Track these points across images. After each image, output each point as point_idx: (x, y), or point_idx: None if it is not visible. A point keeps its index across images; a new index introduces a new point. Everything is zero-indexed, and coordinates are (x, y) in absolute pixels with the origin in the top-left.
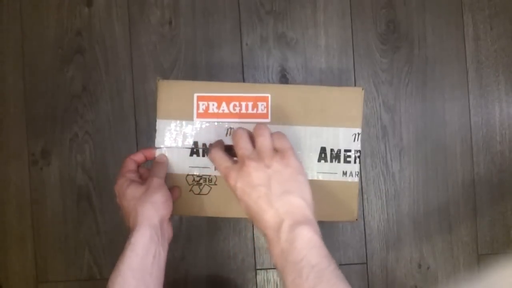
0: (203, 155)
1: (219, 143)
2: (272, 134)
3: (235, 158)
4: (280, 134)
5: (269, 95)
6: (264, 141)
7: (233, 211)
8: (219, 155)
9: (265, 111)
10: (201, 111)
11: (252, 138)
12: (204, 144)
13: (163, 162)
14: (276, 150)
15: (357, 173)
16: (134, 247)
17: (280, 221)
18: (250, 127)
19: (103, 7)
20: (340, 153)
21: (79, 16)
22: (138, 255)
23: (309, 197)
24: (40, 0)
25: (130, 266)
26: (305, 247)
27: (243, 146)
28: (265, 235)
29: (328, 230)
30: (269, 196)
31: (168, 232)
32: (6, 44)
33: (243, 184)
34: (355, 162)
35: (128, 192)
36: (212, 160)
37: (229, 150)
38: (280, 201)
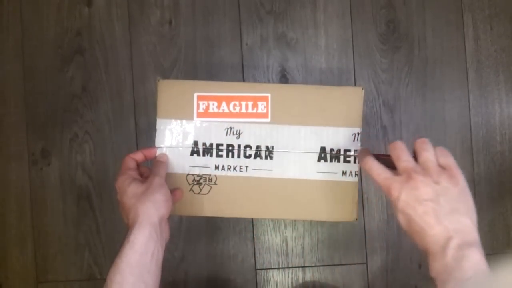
0: (203, 155)
1: (367, 152)
2: (434, 149)
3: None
4: (444, 151)
5: (269, 94)
6: (430, 157)
7: (233, 211)
8: (376, 165)
9: (265, 111)
10: (201, 110)
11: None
12: (204, 144)
13: (164, 161)
14: (441, 167)
15: (356, 173)
16: (134, 244)
17: (448, 237)
18: (251, 127)
19: (103, 7)
20: (339, 153)
21: (79, 16)
22: (137, 252)
23: (475, 219)
24: (40, 0)
25: (128, 263)
26: (473, 268)
27: (407, 159)
28: (425, 248)
29: (328, 230)
30: (437, 212)
31: (166, 232)
32: (6, 44)
33: (408, 197)
34: (354, 162)
35: (129, 189)
36: (368, 170)
37: (377, 159)
38: (449, 219)
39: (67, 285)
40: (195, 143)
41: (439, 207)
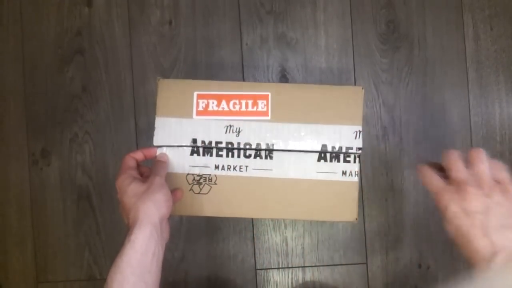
0: (203, 154)
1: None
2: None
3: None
4: (499, 164)
5: (269, 93)
6: (485, 169)
7: (233, 211)
8: (431, 173)
9: (265, 109)
10: (200, 108)
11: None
12: (203, 142)
13: (164, 161)
14: (495, 180)
15: (357, 173)
16: (134, 244)
17: (494, 252)
18: (251, 124)
19: (103, 7)
20: (340, 152)
21: (79, 16)
22: (137, 252)
23: None
24: (40, 0)
25: (129, 262)
26: None
27: (461, 169)
28: (468, 257)
29: (328, 230)
30: (485, 225)
31: (166, 231)
32: (6, 44)
33: (456, 208)
34: (354, 161)
35: (130, 189)
36: (420, 176)
37: (433, 167)
38: (498, 234)
39: (67, 285)
40: (194, 140)
41: (488, 221)
